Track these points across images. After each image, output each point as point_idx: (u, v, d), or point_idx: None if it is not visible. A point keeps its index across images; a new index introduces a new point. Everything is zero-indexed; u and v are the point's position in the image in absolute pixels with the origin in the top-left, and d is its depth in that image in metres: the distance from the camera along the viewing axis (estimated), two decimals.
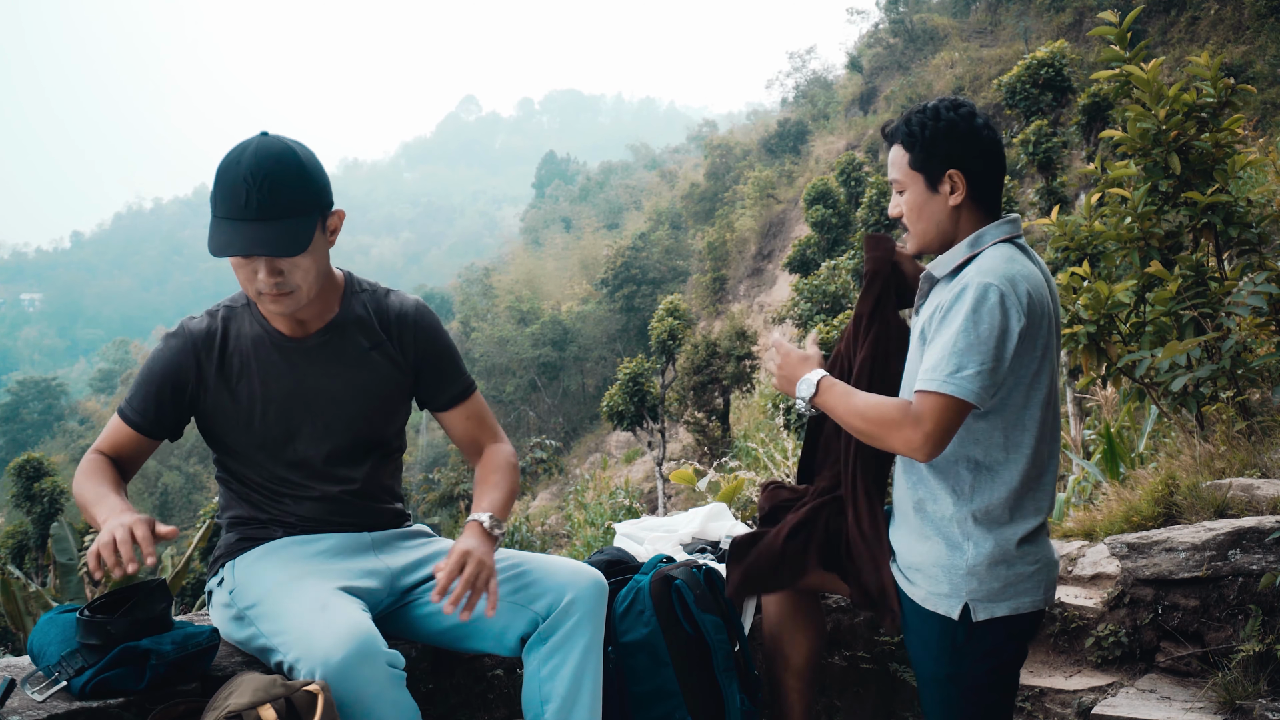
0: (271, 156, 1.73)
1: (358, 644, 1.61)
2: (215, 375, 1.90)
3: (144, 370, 1.92)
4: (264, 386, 1.90)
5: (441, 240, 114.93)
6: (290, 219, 1.74)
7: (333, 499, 1.97)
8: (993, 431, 1.92)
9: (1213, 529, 2.71)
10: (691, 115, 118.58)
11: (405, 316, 2.01)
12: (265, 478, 1.97)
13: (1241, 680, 2.46)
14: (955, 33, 28.70)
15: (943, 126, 1.96)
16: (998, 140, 2.01)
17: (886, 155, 2.09)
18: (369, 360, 1.96)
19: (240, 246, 1.72)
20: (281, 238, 1.73)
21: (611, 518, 13.42)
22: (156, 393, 1.89)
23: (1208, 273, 3.80)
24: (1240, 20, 18.39)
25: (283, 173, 1.73)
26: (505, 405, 35.41)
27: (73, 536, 11.30)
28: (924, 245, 2.04)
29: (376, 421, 2.00)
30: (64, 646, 1.72)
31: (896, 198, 2.05)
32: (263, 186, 1.71)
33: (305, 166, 1.77)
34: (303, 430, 1.93)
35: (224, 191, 1.72)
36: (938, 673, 1.98)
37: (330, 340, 1.94)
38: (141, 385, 1.91)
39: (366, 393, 1.96)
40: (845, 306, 14.37)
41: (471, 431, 2.11)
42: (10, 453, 39.81)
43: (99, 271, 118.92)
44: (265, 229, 1.72)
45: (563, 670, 1.84)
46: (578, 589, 1.88)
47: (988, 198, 2.01)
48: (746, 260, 29.86)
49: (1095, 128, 12.48)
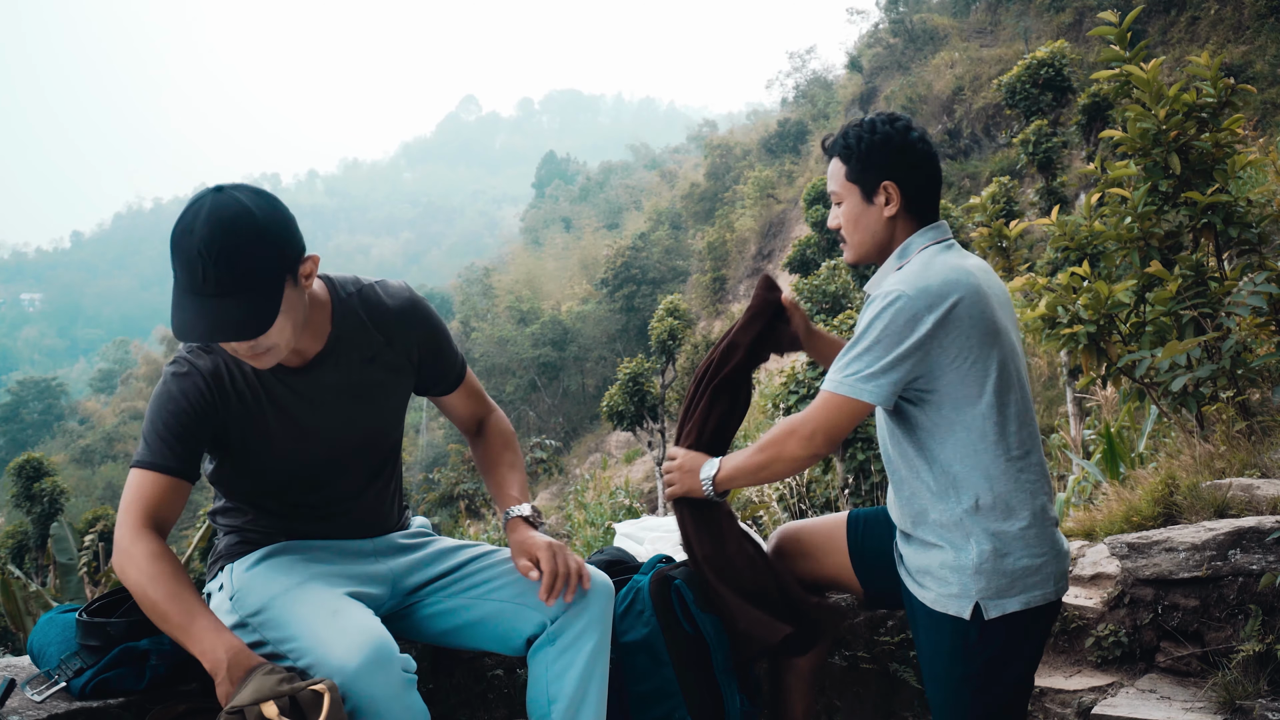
0: (225, 225, 1.56)
1: (373, 650, 1.60)
2: (233, 411, 1.79)
3: (161, 414, 1.74)
4: (277, 419, 1.82)
5: (441, 240, 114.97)
6: (253, 293, 1.59)
7: (344, 514, 1.95)
8: (952, 427, 1.94)
9: (1213, 529, 2.71)
10: (691, 115, 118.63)
11: (401, 315, 1.92)
12: (279, 504, 1.93)
13: (1241, 680, 2.45)
14: (955, 33, 28.71)
15: (878, 139, 2.01)
16: (933, 154, 2.06)
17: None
18: (370, 373, 1.89)
19: (202, 331, 1.58)
20: (247, 318, 1.59)
21: (611, 518, 13.42)
22: (184, 432, 1.73)
23: (1208, 273, 3.80)
24: (1240, 20, 18.39)
25: (239, 243, 1.56)
26: (505, 405, 35.39)
27: (72, 536, 11.31)
28: (861, 255, 2.09)
29: (385, 429, 1.97)
30: (64, 647, 1.72)
31: (835, 209, 2.10)
32: (219, 261, 1.55)
33: (264, 229, 1.59)
34: (318, 456, 1.88)
35: (180, 264, 1.58)
36: (951, 675, 1.97)
37: (329, 363, 1.84)
38: (165, 428, 1.72)
39: (374, 405, 1.91)
40: (845, 306, 14.37)
41: (472, 408, 2.11)
42: (10, 453, 39.82)
43: (99, 271, 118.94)
44: (227, 307, 1.57)
45: (570, 671, 1.84)
46: (588, 593, 1.88)
47: (922, 209, 2.05)
48: (746, 260, 29.87)
49: (1095, 128, 12.47)
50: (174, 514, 1.72)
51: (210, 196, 1.60)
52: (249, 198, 1.61)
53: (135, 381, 52.97)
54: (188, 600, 1.61)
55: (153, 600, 1.61)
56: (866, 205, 2.03)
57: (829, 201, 12.90)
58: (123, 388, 54.72)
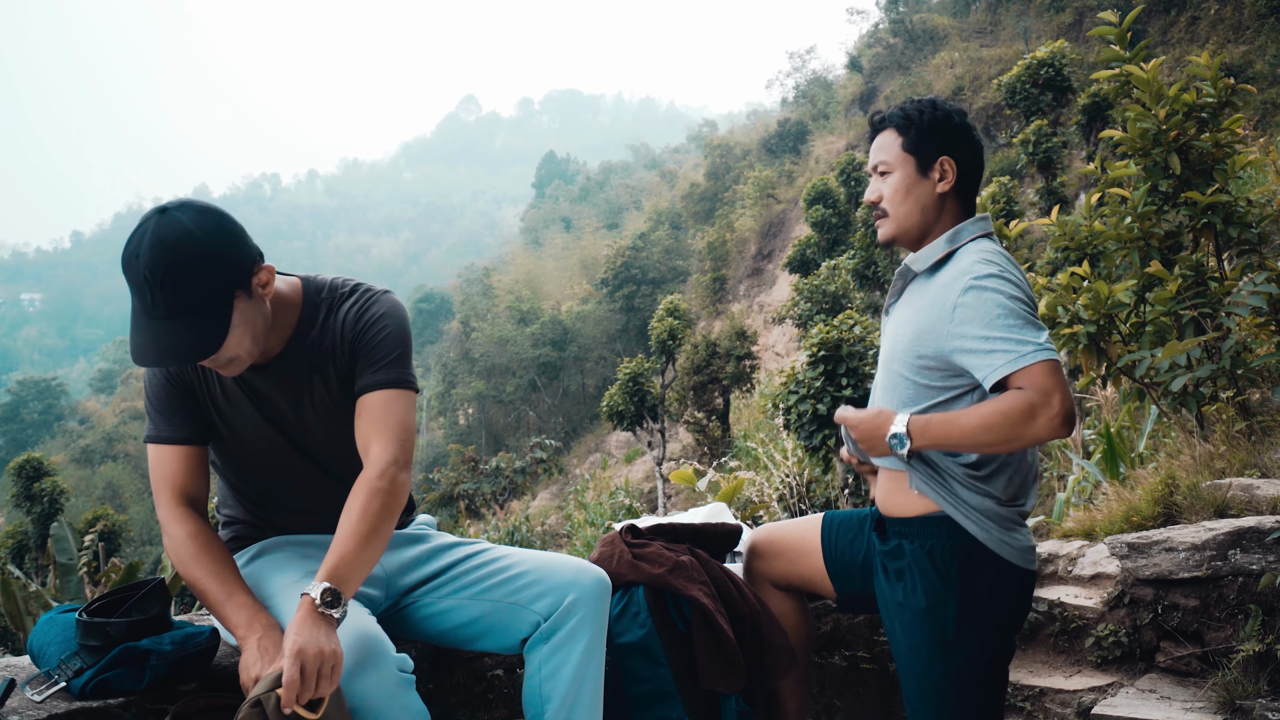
0: (168, 248, 1.57)
1: (366, 650, 1.61)
2: (208, 394, 1.86)
3: (151, 389, 1.85)
4: (245, 410, 1.87)
5: (441, 240, 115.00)
6: (201, 314, 1.61)
7: (334, 514, 1.92)
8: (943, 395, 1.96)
9: (1213, 529, 2.71)
10: (691, 115, 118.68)
11: (346, 320, 1.87)
12: (266, 498, 1.96)
13: (1241, 680, 2.45)
14: (955, 33, 28.70)
15: (940, 115, 2.03)
16: (982, 146, 2.08)
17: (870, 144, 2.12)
18: (325, 378, 1.87)
19: (154, 355, 1.61)
20: (195, 339, 1.61)
21: (611, 517, 13.42)
22: (174, 404, 1.83)
23: (1208, 273, 3.80)
24: (1240, 20, 18.38)
25: (183, 265, 1.58)
26: (505, 405, 35.44)
27: (72, 536, 11.31)
28: (901, 230, 2.05)
29: (345, 436, 1.88)
30: (64, 647, 1.72)
31: (877, 181, 2.07)
32: (164, 285, 1.57)
33: (207, 250, 1.60)
34: (289, 454, 1.91)
35: (130, 285, 1.61)
36: (930, 673, 1.97)
37: (287, 363, 1.86)
38: (158, 400, 1.84)
39: (327, 412, 1.89)
40: (845, 306, 14.37)
41: (368, 432, 1.80)
42: (10, 453, 39.86)
43: (99, 271, 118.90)
44: (177, 329, 1.60)
45: (563, 670, 1.83)
46: (580, 589, 1.87)
47: (968, 194, 2.05)
48: (746, 260, 29.86)
49: (1095, 128, 12.48)
50: (200, 483, 1.83)
51: (154, 219, 1.61)
52: (191, 218, 1.61)
53: (135, 381, 52.94)
54: (225, 577, 1.70)
55: (193, 578, 1.70)
56: (920, 178, 2.02)
57: (829, 201, 12.99)
58: (123, 388, 54.72)
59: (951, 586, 1.93)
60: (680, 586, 2.16)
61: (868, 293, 15.25)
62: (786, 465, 9.00)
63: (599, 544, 2.35)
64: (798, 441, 8.92)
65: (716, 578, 2.25)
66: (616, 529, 2.40)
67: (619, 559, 2.24)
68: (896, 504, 2.04)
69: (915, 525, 1.99)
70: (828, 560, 2.22)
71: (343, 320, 1.87)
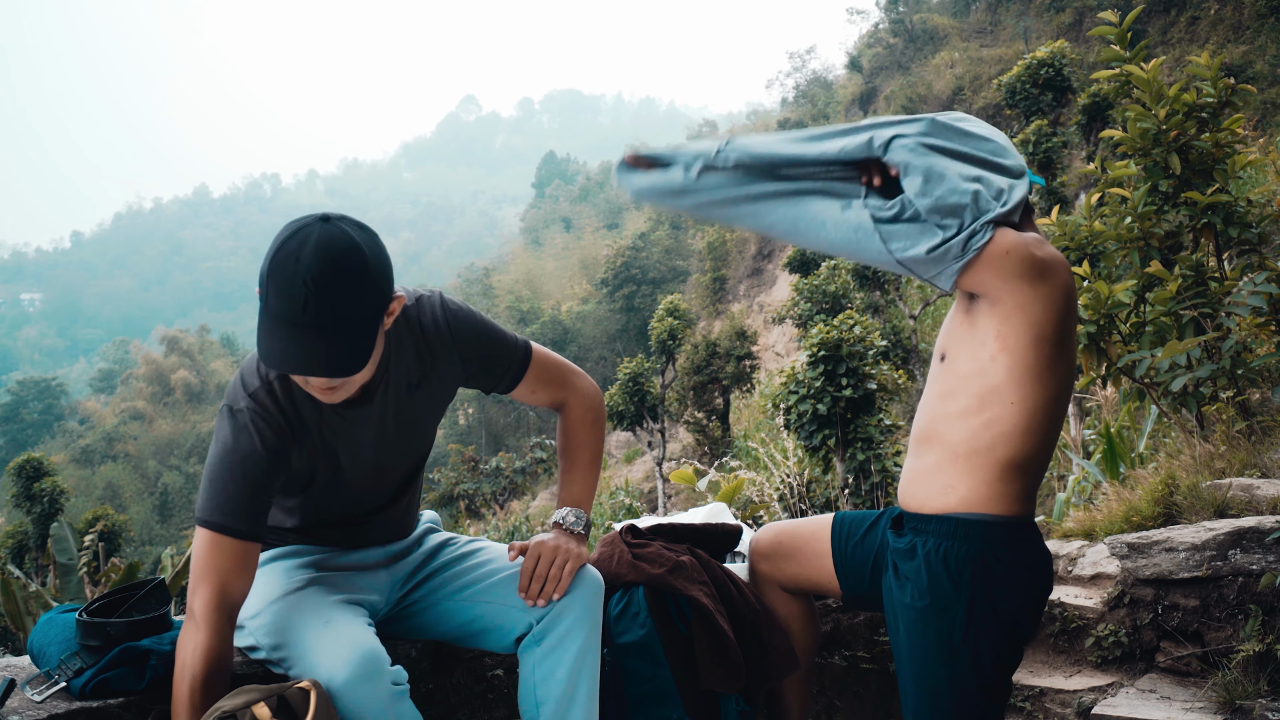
0: (334, 260, 1.50)
1: (362, 663, 1.60)
2: (297, 452, 1.73)
3: (233, 472, 1.64)
4: (334, 451, 1.78)
5: (441, 240, 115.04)
6: (351, 331, 1.53)
7: (368, 525, 1.94)
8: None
9: (1213, 529, 2.71)
10: (691, 115, 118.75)
11: (440, 336, 1.84)
12: (303, 521, 1.90)
13: (1241, 680, 2.45)
14: (955, 33, 28.72)
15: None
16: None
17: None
18: (417, 400, 1.85)
19: (295, 363, 1.52)
20: (341, 355, 1.53)
21: (611, 517, 13.42)
22: (257, 489, 1.65)
23: (1208, 273, 3.80)
24: (1240, 20, 18.39)
25: (347, 281, 1.51)
26: (505, 405, 35.43)
27: (72, 536, 11.31)
28: None
29: (424, 449, 1.95)
30: (64, 647, 1.72)
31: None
32: (323, 295, 1.49)
33: (371, 269, 1.54)
34: (363, 484, 1.86)
35: (278, 288, 1.49)
36: (931, 677, 1.96)
37: (380, 392, 1.78)
38: (237, 486, 1.64)
39: (421, 430, 1.89)
40: (845, 306, 14.37)
41: (544, 396, 2.00)
42: (10, 453, 39.85)
43: (99, 271, 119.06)
44: (322, 341, 1.51)
45: (558, 672, 1.82)
46: (573, 590, 1.87)
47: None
48: (746, 260, 29.87)
49: (1095, 128, 12.49)
50: (246, 585, 1.65)
51: (318, 225, 1.54)
52: (357, 233, 1.56)
53: (135, 382, 53.00)
54: (197, 713, 1.55)
55: (179, 695, 1.57)
56: None
57: None
58: (123, 388, 54.75)
59: (962, 591, 1.91)
60: (680, 587, 2.16)
61: (868, 293, 15.25)
62: (787, 465, 9.01)
63: (599, 544, 2.35)
64: (798, 441, 8.93)
65: (717, 578, 2.24)
66: (616, 529, 2.39)
67: (619, 559, 2.24)
68: (918, 498, 2.01)
69: (933, 524, 1.97)
70: (837, 560, 2.21)
71: (426, 337, 1.82)
